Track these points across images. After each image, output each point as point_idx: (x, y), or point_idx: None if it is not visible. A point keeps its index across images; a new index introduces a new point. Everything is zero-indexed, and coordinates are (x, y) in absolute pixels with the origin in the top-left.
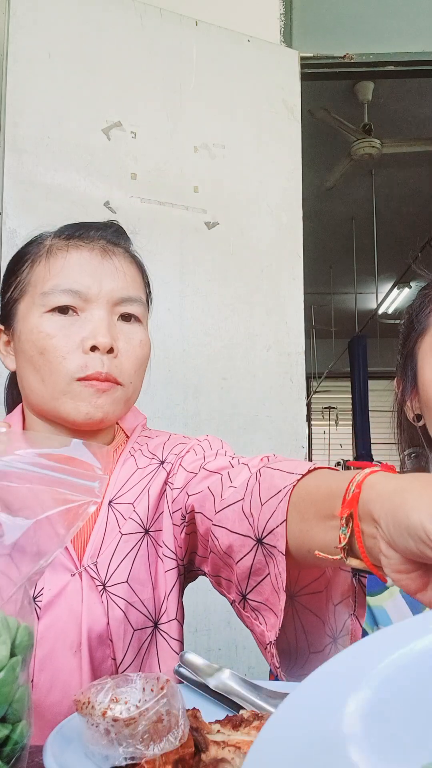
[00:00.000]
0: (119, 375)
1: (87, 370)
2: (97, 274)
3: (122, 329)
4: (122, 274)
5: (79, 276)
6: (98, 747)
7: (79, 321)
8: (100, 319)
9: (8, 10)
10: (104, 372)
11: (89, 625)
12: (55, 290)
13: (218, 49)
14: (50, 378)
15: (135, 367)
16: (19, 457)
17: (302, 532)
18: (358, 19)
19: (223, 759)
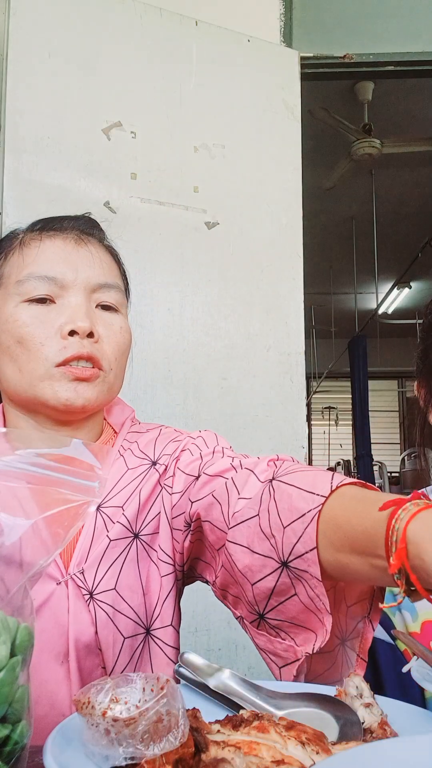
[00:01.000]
0: (102, 358)
1: (66, 353)
2: (72, 260)
3: (101, 316)
4: (98, 261)
5: (54, 263)
6: (98, 747)
7: (56, 308)
8: (78, 304)
9: (8, 10)
10: (85, 353)
11: (76, 635)
12: (30, 277)
13: (218, 49)
14: (28, 366)
15: (116, 354)
16: (19, 457)
17: (340, 564)
18: (358, 19)
19: (223, 759)
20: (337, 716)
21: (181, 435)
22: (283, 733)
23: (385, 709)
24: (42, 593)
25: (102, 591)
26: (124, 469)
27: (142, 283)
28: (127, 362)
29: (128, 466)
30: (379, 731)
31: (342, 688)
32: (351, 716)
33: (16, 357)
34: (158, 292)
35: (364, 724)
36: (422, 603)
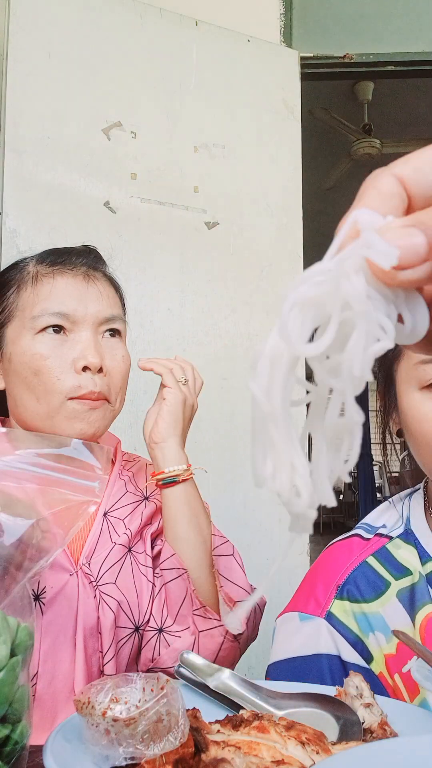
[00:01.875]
0: (108, 393)
1: (81, 390)
2: (82, 297)
3: (106, 345)
4: (105, 297)
5: (66, 299)
6: (98, 747)
7: (69, 342)
8: (88, 339)
9: (8, 10)
10: (96, 391)
11: (83, 618)
12: (44, 314)
13: (218, 49)
14: (45, 397)
15: (121, 383)
16: (19, 457)
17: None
18: (358, 19)
19: (223, 759)
20: (337, 716)
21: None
22: (283, 733)
23: (385, 709)
24: (57, 583)
25: (105, 583)
26: (125, 491)
27: (142, 283)
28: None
29: (127, 489)
30: (379, 731)
31: (342, 688)
32: (351, 716)
33: (33, 387)
34: (158, 292)
35: (364, 724)
36: (396, 623)
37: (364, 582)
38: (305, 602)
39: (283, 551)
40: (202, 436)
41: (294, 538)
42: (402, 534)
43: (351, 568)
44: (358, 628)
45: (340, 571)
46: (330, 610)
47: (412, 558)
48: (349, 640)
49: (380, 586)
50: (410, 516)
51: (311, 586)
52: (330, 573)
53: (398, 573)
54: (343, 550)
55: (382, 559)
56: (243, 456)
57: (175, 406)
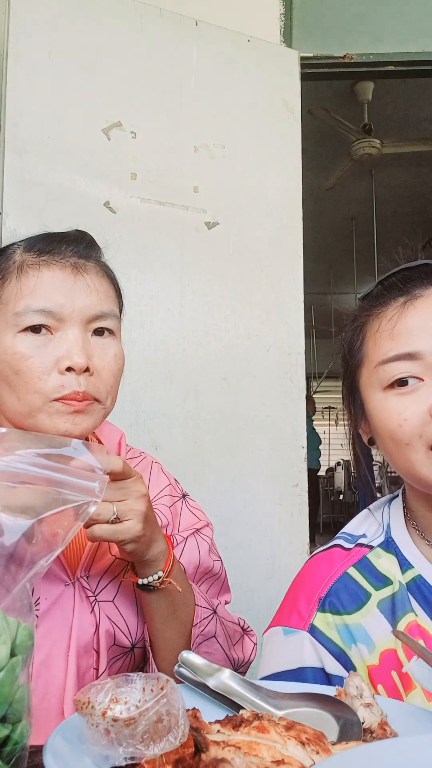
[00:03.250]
0: (96, 392)
1: (63, 390)
2: (70, 292)
3: (96, 344)
4: (95, 291)
5: (51, 295)
6: (98, 747)
7: (54, 340)
8: (75, 338)
9: (8, 10)
10: (81, 391)
11: (78, 634)
12: (28, 311)
13: (218, 49)
14: (26, 397)
15: (111, 382)
16: (19, 457)
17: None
18: (358, 19)
19: (223, 759)
20: (337, 716)
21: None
22: (283, 733)
23: (385, 709)
24: (52, 594)
25: (103, 600)
26: None
27: (142, 283)
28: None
29: None
30: (379, 731)
31: (342, 688)
32: (351, 716)
33: (14, 387)
34: (158, 292)
35: (364, 724)
36: (378, 634)
37: (346, 594)
38: (288, 616)
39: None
40: (202, 436)
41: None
42: (383, 543)
43: (332, 580)
44: (340, 640)
45: (321, 583)
46: (313, 622)
47: (392, 567)
48: (332, 653)
49: (361, 598)
50: (390, 523)
51: (294, 599)
52: (312, 586)
53: (379, 583)
54: (324, 562)
55: (363, 570)
56: (243, 456)
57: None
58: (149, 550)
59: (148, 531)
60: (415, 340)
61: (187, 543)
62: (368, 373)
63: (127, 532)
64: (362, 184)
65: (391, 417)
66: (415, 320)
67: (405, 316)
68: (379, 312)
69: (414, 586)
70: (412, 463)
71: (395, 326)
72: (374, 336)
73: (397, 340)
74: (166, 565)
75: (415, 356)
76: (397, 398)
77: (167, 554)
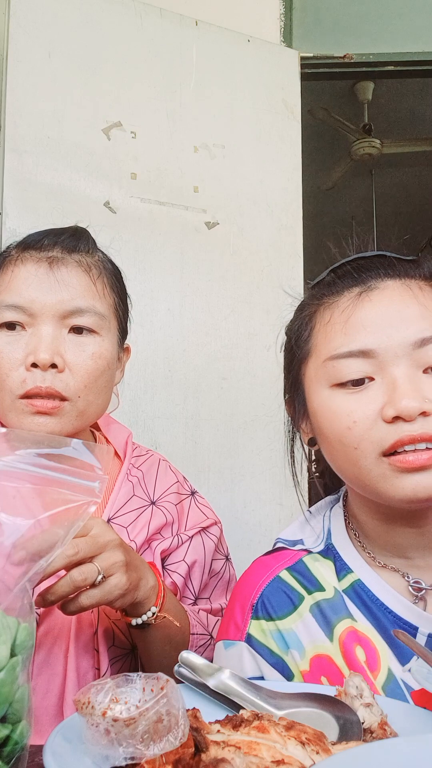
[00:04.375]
0: (64, 390)
1: (26, 386)
2: (42, 287)
3: (72, 341)
4: (69, 286)
5: (24, 291)
6: (98, 747)
7: (26, 336)
8: (44, 335)
9: (8, 10)
10: (44, 387)
11: (77, 633)
12: (1, 306)
13: (218, 49)
14: (0, 394)
15: (85, 381)
16: (19, 457)
17: None
18: (358, 19)
19: (223, 759)
20: (337, 716)
21: (183, 489)
22: (283, 733)
23: (385, 709)
24: None
25: None
26: (131, 495)
27: (142, 283)
28: (121, 374)
29: (135, 493)
30: (379, 731)
31: (342, 688)
32: (351, 716)
33: None
34: (158, 292)
35: (364, 724)
36: (309, 638)
37: (276, 598)
38: (227, 628)
39: None
40: (202, 436)
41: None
42: (322, 550)
43: (264, 585)
44: (276, 647)
45: (254, 589)
46: (249, 631)
47: (328, 573)
48: (269, 661)
49: (293, 601)
50: (331, 528)
51: (231, 609)
52: (245, 593)
53: (312, 587)
54: (259, 567)
55: (296, 573)
56: (243, 456)
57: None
58: (138, 592)
59: (133, 577)
60: (369, 337)
61: (192, 541)
62: (315, 367)
63: (115, 589)
64: (362, 184)
65: (340, 418)
66: (370, 314)
67: (359, 309)
68: (331, 302)
69: (352, 591)
70: (360, 468)
71: (348, 319)
72: (325, 328)
73: (350, 335)
74: (158, 599)
75: (368, 354)
76: (346, 397)
77: (157, 589)
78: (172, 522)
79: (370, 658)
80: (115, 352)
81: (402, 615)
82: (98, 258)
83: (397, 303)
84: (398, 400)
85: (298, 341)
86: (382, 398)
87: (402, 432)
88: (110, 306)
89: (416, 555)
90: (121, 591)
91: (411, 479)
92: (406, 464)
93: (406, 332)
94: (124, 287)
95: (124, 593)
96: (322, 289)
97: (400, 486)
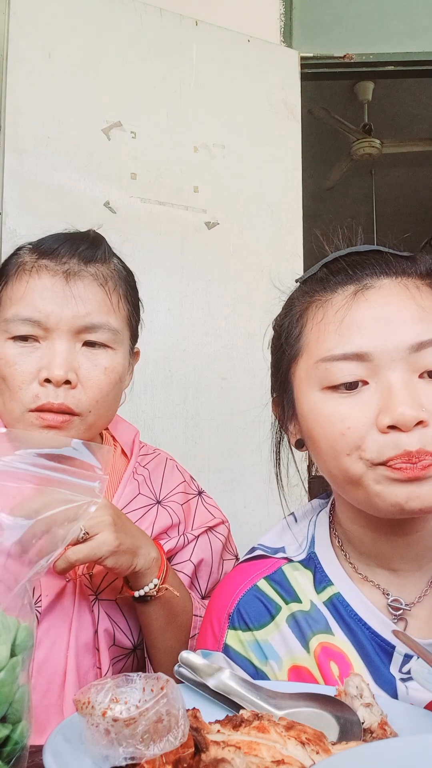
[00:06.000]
0: (76, 405)
1: (38, 401)
2: (58, 300)
3: (86, 356)
4: (85, 301)
5: (40, 304)
6: (98, 747)
7: (40, 350)
8: (59, 350)
9: (8, 10)
10: (56, 403)
11: (77, 632)
12: (16, 318)
13: (218, 49)
14: (10, 404)
15: (97, 397)
16: (19, 457)
17: None
18: (358, 19)
19: (223, 759)
20: (337, 716)
21: (190, 489)
22: (283, 733)
23: (385, 709)
24: (53, 590)
25: (106, 599)
26: (137, 493)
27: (142, 283)
28: (130, 377)
29: (140, 491)
30: (379, 731)
31: (342, 687)
32: (351, 716)
33: (3, 391)
34: (158, 292)
35: (364, 724)
36: (285, 649)
37: (253, 607)
38: (204, 638)
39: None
40: (202, 436)
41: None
42: (304, 559)
43: (240, 594)
44: (255, 658)
45: (230, 598)
46: (226, 641)
47: (306, 585)
48: (248, 672)
49: (270, 611)
50: (315, 536)
51: (208, 617)
52: (222, 602)
53: (289, 598)
54: (238, 574)
55: (274, 583)
56: (243, 456)
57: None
58: (137, 560)
59: (125, 540)
60: (364, 339)
61: (198, 541)
62: (306, 367)
63: (103, 545)
64: (362, 184)
65: (333, 423)
66: (366, 315)
67: (355, 310)
68: (323, 299)
69: (331, 604)
70: (350, 475)
71: (343, 320)
72: (317, 327)
73: (345, 336)
74: (160, 572)
75: (363, 357)
76: (339, 402)
77: (160, 561)
78: (178, 523)
79: (344, 673)
80: (126, 363)
81: (380, 632)
82: (113, 267)
83: (394, 304)
84: (394, 408)
85: (288, 339)
86: (377, 404)
87: (398, 447)
88: (124, 318)
89: (401, 566)
90: (110, 548)
91: (404, 489)
92: (401, 474)
93: (403, 335)
94: (137, 293)
95: (115, 551)
96: (314, 285)
97: (392, 494)
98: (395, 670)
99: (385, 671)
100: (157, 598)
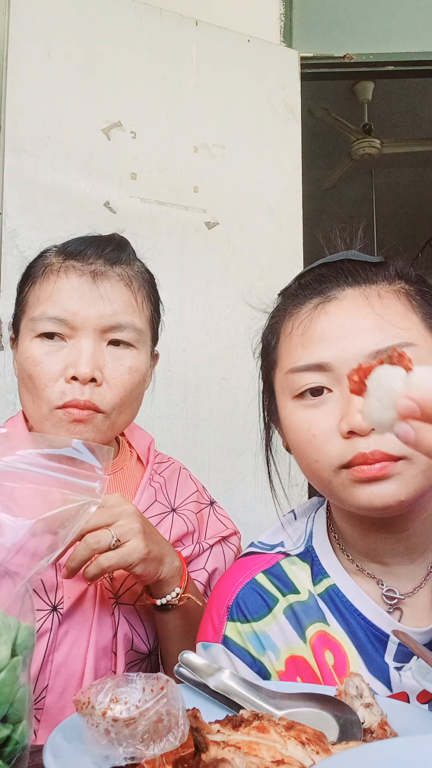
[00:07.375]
0: (100, 403)
1: (65, 398)
2: (85, 300)
3: (111, 354)
4: (112, 301)
5: (67, 303)
6: (98, 747)
7: (66, 348)
8: (85, 349)
9: (8, 10)
10: (83, 400)
11: (97, 636)
12: (43, 317)
13: (218, 49)
14: (37, 402)
15: (121, 395)
16: (20, 457)
17: None
18: (358, 19)
19: (223, 759)
20: (337, 716)
21: (202, 498)
22: (283, 733)
23: (385, 709)
24: (75, 592)
25: (125, 603)
26: (153, 500)
27: None
28: (150, 379)
29: (157, 498)
30: (379, 731)
31: (342, 687)
32: (351, 716)
33: (29, 389)
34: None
35: (364, 724)
36: (283, 640)
37: (251, 600)
38: (205, 630)
39: None
40: (202, 436)
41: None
42: (302, 553)
43: (239, 587)
44: (253, 648)
45: (230, 591)
46: (225, 633)
47: (303, 577)
48: (246, 662)
49: (268, 603)
50: (313, 531)
51: (209, 610)
52: (222, 595)
53: (287, 590)
54: (237, 569)
55: (272, 576)
56: (243, 456)
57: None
58: (162, 568)
59: (154, 548)
60: (324, 350)
61: (212, 550)
62: (280, 378)
63: (134, 552)
64: (362, 184)
65: (301, 431)
66: (326, 326)
67: (316, 321)
68: (293, 312)
69: (327, 596)
70: (321, 479)
71: (306, 331)
72: (287, 339)
73: (308, 347)
74: (182, 581)
75: (324, 367)
76: (305, 410)
77: (182, 570)
78: (193, 531)
79: (339, 662)
80: (149, 364)
81: (374, 622)
82: (137, 269)
83: (353, 314)
84: (352, 415)
85: (267, 350)
86: (339, 412)
87: (356, 450)
88: (147, 318)
89: (393, 561)
90: (140, 555)
91: (366, 489)
92: (360, 474)
93: (360, 344)
94: (158, 295)
95: (144, 559)
96: (288, 299)
97: (357, 496)
98: (389, 659)
99: (380, 660)
100: (177, 607)
